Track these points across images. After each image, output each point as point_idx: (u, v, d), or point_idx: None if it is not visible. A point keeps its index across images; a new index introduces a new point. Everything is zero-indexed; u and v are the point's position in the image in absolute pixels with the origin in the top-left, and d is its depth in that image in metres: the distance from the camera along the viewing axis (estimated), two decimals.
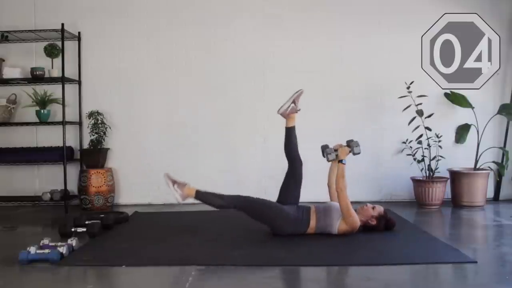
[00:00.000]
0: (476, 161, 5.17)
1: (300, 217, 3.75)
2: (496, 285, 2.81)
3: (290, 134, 3.97)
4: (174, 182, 3.81)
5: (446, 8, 5.30)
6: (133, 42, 5.47)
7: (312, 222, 3.74)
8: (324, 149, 4.04)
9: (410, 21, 5.38)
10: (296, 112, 3.97)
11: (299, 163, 3.94)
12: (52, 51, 5.25)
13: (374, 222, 3.81)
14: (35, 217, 4.93)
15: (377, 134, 5.41)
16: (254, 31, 5.44)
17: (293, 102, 3.95)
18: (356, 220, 3.71)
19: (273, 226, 3.76)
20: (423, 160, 5.12)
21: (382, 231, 3.82)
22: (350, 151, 3.85)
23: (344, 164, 3.79)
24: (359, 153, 3.87)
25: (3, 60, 5.38)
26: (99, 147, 5.29)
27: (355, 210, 3.76)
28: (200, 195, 3.78)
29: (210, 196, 3.80)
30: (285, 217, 3.72)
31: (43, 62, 5.32)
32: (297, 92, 3.98)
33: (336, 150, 3.88)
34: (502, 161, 5.25)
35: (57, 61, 5.26)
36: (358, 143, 3.86)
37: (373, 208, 3.86)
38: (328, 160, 3.94)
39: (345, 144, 4.00)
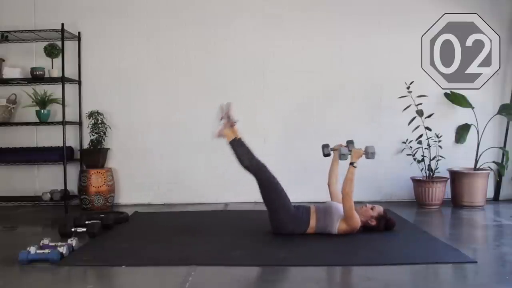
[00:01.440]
0: (476, 161, 5.17)
1: (300, 215, 3.75)
2: (496, 285, 2.81)
3: (233, 148, 3.79)
4: (222, 117, 3.77)
5: (446, 8, 5.30)
6: (133, 42, 5.47)
7: (312, 222, 3.75)
8: (325, 147, 4.05)
9: (410, 21, 5.38)
10: (234, 125, 3.83)
11: (259, 170, 3.75)
12: (52, 51, 5.25)
13: (374, 223, 3.81)
14: (35, 217, 4.92)
15: (377, 134, 5.40)
16: (254, 31, 5.44)
17: (223, 118, 3.84)
18: (358, 221, 3.71)
19: (276, 217, 3.73)
20: (423, 160, 5.12)
21: (382, 231, 3.82)
22: (364, 154, 3.79)
23: (355, 167, 3.73)
24: (372, 158, 3.81)
25: (3, 60, 5.38)
26: (99, 147, 5.29)
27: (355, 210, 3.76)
28: (235, 144, 3.74)
29: (243, 150, 3.72)
30: (288, 209, 3.72)
31: (43, 62, 5.32)
32: (223, 107, 3.86)
33: (350, 151, 3.81)
34: (502, 161, 5.25)
35: (57, 61, 5.26)
36: (373, 149, 3.80)
37: (372, 208, 3.86)
38: (340, 159, 3.89)
39: (344, 144, 4.02)
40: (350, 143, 4.03)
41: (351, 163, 3.74)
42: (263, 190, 3.77)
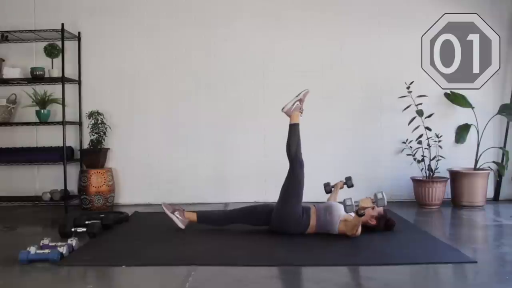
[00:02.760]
0: (476, 161, 5.17)
1: (300, 217, 3.75)
2: (496, 285, 2.81)
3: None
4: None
5: (446, 8, 5.30)
6: (133, 42, 5.47)
7: (312, 222, 3.75)
8: (326, 186, 4.19)
9: (410, 21, 5.38)
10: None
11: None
12: (52, 51, 5.25)
13: (374, 222, 3.81)
14: (35, 217, 4.92)
15: (377, 134, 5.41)
16: (254, 31, 5.44)
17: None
18: (358, 233, 3.71)
19: (282, 212, 3.75)
20: (423, 160, 5.12)
21: (382, 231, 3.82)
22: (373, 202, 3.50)
23: (361, 216, 3.54)
24: (383, 205, 3.51)
25: (3, 60, 5.38)
26: (99, 147, 5.29)
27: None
28: (295, 128, 3.84)
29: (296, 138, 3.83)
30: (296, 210, 3.74)
31: (43, 62, 5.32)
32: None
33: (356, 202, 3.52)
34: (502, 161, 5.25)
35: (57, 61, 5.26)
36: (383, 194, 3.47)
37: (372, 208, 3.85)
38: (347, 212, 3.62)
39: (343, 180, 4.19)
40: (348, 179, 4.19)
41: (358, 213, 3.52)
42: (287, 181, 3.81)
